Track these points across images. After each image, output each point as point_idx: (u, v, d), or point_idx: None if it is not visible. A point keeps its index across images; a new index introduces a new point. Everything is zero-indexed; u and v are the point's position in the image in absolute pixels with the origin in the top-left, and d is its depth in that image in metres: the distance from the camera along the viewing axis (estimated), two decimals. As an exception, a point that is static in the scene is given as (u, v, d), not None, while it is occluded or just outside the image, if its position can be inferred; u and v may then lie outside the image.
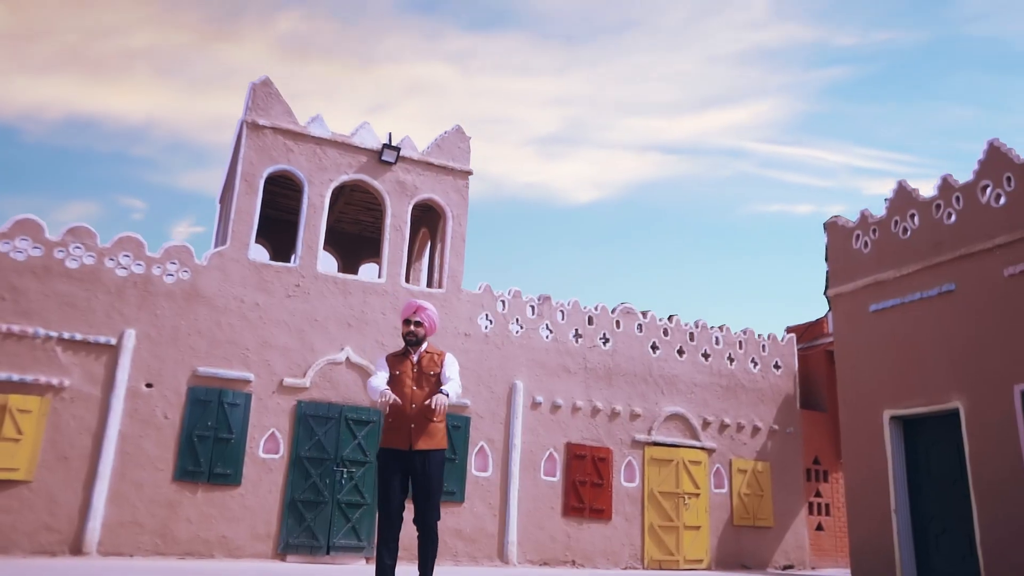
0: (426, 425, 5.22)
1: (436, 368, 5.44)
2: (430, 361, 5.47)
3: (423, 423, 5.22)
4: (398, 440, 5.21)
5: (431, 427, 5.24)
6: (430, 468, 5.20)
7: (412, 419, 5.22)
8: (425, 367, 5.42)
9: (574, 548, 13.67)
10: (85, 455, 10.96)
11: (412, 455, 5.19)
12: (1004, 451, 9.38)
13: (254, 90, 13.34)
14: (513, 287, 14.42)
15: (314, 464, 12.11)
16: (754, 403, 16.07)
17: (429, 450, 5.21)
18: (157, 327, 11.76)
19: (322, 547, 11.89)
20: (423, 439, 5.20)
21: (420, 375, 5.37)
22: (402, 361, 5.45)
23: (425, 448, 5.20)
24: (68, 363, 11.15)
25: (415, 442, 5.18)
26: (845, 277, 11.97)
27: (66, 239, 11.59)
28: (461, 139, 14.77)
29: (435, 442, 5.24)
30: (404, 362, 5.44)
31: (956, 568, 9.96)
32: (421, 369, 5.40)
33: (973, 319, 10.07)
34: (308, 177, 13.36)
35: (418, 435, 5.20)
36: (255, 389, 12.09)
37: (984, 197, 10.23)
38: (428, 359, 5.47)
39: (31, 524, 10.47)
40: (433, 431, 5.24)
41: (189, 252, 12.24)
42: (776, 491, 15.83)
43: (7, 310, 10.99)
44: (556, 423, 14.11)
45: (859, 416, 11.38)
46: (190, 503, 11.33)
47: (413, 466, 5.19)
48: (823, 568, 16.04)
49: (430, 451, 5.22)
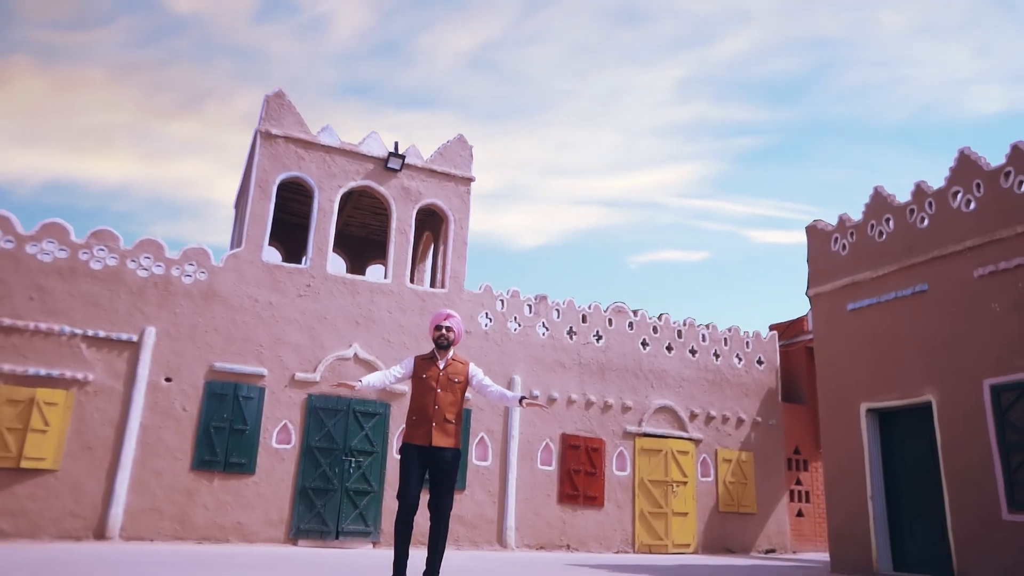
0: (445, 426, 5.53)
1: (460, 376, 5.72)
2: (456, 369, 5.72)
3: (443, 424, 5.52)
4: (419, 437, 5.50)
5: (449, 428, 5.54)
6: (446, 463, 5.50)
7: (433, 419, 5.51)
8: (451, 374, 5.68)
9: (569, 533, 13.79)
10: (108, 445, 11.05)
11: (431, 451, 5.48)
12: (974, 442, 9.49)
13: (268, 102, 13.42)
14: (512, 287, 14.54)
15: (324, 454, 12.22)
16: (738, 396, 16.19)
17: (446, 447, 5.50)
18: (176, 325, 11.85)
19: (331, 532, 12.00)
20: (442, 437, 5.49)
21: (447, 380, 5.64)
22: (430, 366, 5.69)
23: (442, 445, 5.48)
24: (92, 359, 11.25)
25: (434, 439, 5.47)
26: (824, 278, 12.07)
27: (90, 242, 11.68)
28: (463, 147, 14.86)
29: (451, 441, 5.53)
30: (432, 367, 5.68)
31: (928, 552, 10.07)
32: (448, 375, 5.66)
33: (945, 317, 10.17)
34: (318, 183, 13.45)
35: (438, 434, 5.49)
36: (268, 383, 12.19)
37: (955, 202, 10.34)
38: (454, 367, 5.72)
39: (57, 510, 10.56)
40: (450, 431, 5.54)
41: (206, 254, 12.33)
42: (759, 479, 15.96)
43: (35, 309, 11.09)
44: (552, 415, 14.21)
45: (837, 409, 11.48)
46: (207, 491, 11.43)
47: (431, 461, 5.49)
48: (803, 552, 16.16)
49: (446, 448, 5.50)
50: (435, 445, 5.48)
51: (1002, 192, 9.82)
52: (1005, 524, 9.02)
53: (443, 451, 5.50)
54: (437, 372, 5.65)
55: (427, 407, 5.55)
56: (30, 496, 10.46)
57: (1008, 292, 9.53)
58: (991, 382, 9.46)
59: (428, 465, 5.50)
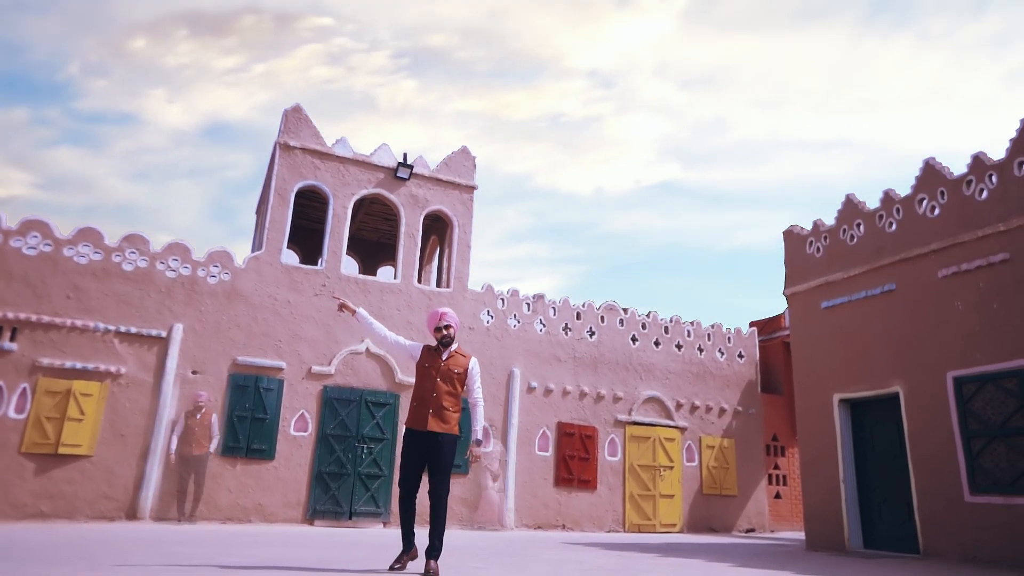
0: (442, 413, 5.41)
1: (461, 368, 5.59)
2: (456, 362, 5.60)
3: (440, 411, 5.41)
4: (417, 422, 5.42)
5: (445, 414, 5.42)
6: (442, 448, 5.37)
7: (431, 405, 5.41)
8: (452, 366, 5.57)
9: (564, 514, 13.75)
10: (139, 433, 11.01)
11: (428, 436, 5.38)
12: (938, 430, 9.44)
13: (286, 116, 13.38)
14: (511, 287, 14.51)
15: (338, 441, 12.17)
16: (721, 388, 16.15)
17: (441, 432, 5.38)
18: (202, 322, 11.81)
19: (345, 513, 11.95)
20: (437, 423, 5.38)
21: (447, 372, 5.52)
22: (434, 357, 5.58)
23: (437, 431, 5.37)
24: (124, 353, 11.20)
25: (430, 425, 5.37)
26: (800, 278, 12.03)
27: (122, 245, 11.64)
28: (466, 158, 14.81)
29: (447, 427, 5.41)
30: (436, 358, 5.57)
31: (896, 532, 10.02)
32: (448, 367, 5.55)
33: (911, 315, 10.13)
34: (333, 191, 13.40)
35: (434, 420, 5.39)
36: (287, 376, 12.14)
37: (921, 209, 10.29)
38: (455, 360, 5.61)
39: (92, 493, 10.53)
40: (447, 418, 5.42)
41: (230, 256, 12.29)
42: (740, 464, 15.91)
43: (72, 307, 11.04)
44: (548, 405, 14.18)
45: (812, 399, 11.44)
46: (230, 475, 11.39)
47: (428, 445, 5.38)
48: (781, 531, 16.12)
49: (441, 434, 5.39)
50: (430, 430, 5.37)
51: (964, 199, 9.78)
52: (967, 505, 8.98)
53: (438, 436, 5.38)
54: (439, 363, 5.55)
55: (426, 394, 5.46)
56: (67, 480, 10.42)
57: (970, 291, 9.49)
58: (954, 374, 9.43)
59: (426, 449, 5.39)
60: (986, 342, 9.14)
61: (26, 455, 10.29)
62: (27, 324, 10.72)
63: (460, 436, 5.79)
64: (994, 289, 9.21)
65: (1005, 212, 9.23)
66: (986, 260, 9.33)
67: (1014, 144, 9.33)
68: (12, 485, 10.12)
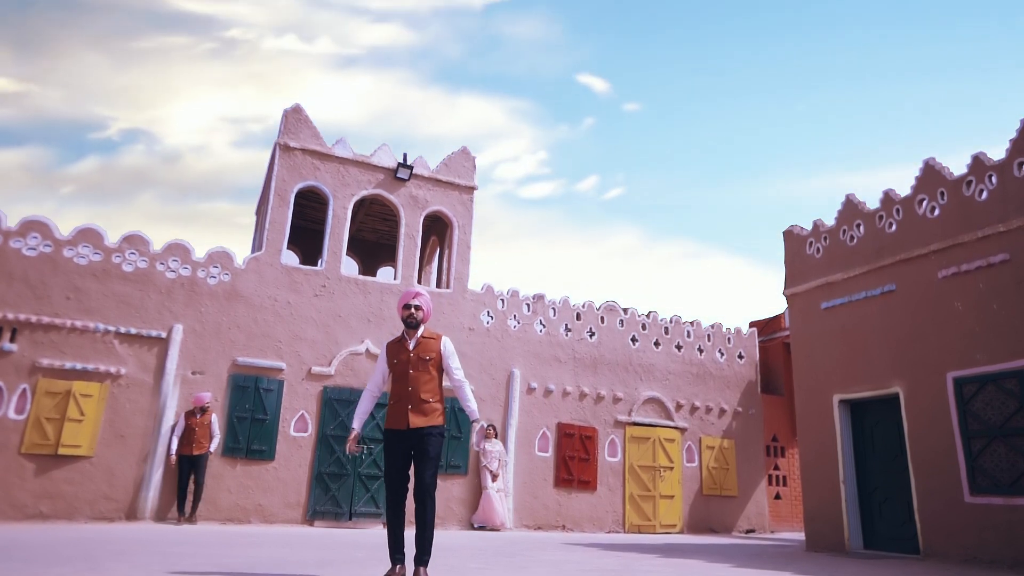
0: (422, 406, 5.07)
1: (432, 352, 5.23)
2: (426, 346, 5.25)
3: (419, 404, 5.07)
4: (397, 421, 5.07)
5: (426, 407, 5.07)
6: (426, 444, 5.00)
7: (409, 401, 5.08)
8: (422, 352, 5.21)
9: (564, 514, 13.74)
10: (139, 434, 11.01)
11: (410, 433, 5.03)
12: (938, 430, 9.44)
13: (286, 116, 13.38)
14: (511, 287, 14.50)
15: (338, 441, 12.17)
16: (721, 388, 16.15)
17: (424, 427, 5.03)
18: (202, 322, 11.81)
19: (345, 514, 11.95)
20: (419, 418, 5.03)
21: (418, 359, 5.17)
22: (401, 349, 5.25)
23: (420, 426, 5.02)
24: (124, 354, 11.21)
25: (411, 422, 5.02)
26: (800, 279, 12.03)
27: (122, 246, 11.64)
28: (466, 159, 14.81)
29: (430, 420, 5.05)
30: (403, 350, 5.23)
31: (896, 532, 10.02)
32: (418, 354, 5.20)
33: (911, 315, 10.13)
34: (333, 192, 13.40)
35: (414, 415, 5.04)
36: (287, 376, 12.14)
37: (921, 209, 10.28)
38: (424, 344, 5.25)
39: (92, 494, 10.53)
40: (428, 410, 5.06)
41: (230, 257, 12.29)
42: (740, 465, 15.91)
43: (72, 308, 11.04)
44: (548, 406, 14.17)
45: (812, 399, 11.43)
46: (231, 475, 11.39)
47: (412, 443, 5.04)
48: (781, 532, 16.12)
49: (424, 428, 5.03)
50: (412, 427, 5.00)
51: (964, 200, 9.78)
52: (967, 506, 8.97)
53: (421, 431, 5.00)
54: (408, 354, 5.18)
55: (402, 390, 5.09)
56: (67, 480, 10.43)
57: (969, 292, 9.49)
58: (954, 375, 9.43)
59: (411, 447, 5.03)
60: (986, 342, 9.14)
61: (26, 456, 10.29)
62: (27, 325, 10.72)
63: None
64: (994, 290, 9.21)
65: (1005, 213, 9.24)
66: (986, 261, 9.33)
67: (1014, 144, 9.33)
68: (12, 486, 10.12)
